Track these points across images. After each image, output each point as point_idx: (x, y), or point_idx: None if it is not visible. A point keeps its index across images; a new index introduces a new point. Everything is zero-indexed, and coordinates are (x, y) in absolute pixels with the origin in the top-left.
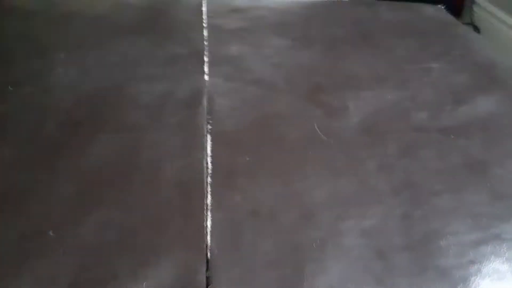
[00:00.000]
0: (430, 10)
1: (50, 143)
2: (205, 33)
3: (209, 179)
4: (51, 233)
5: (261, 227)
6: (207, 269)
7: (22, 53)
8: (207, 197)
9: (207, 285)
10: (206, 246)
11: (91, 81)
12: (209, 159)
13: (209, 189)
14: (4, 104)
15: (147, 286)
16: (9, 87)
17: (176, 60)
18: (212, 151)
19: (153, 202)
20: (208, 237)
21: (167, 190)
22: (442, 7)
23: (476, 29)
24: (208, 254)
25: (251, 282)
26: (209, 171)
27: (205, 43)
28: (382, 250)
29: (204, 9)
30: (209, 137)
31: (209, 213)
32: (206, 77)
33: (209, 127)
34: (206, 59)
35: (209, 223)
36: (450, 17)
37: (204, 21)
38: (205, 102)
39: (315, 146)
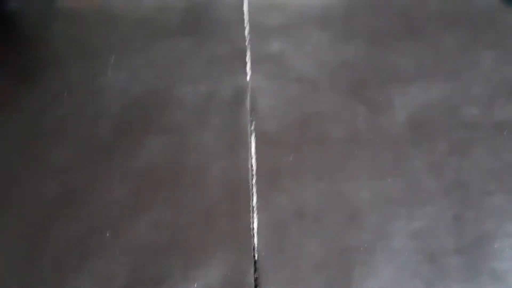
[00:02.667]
0: None
1: (103, 146)
2: (247, 31)
3: (254, 180)
4: (108, 234)
5: (307, 228)
6: (255, 270)
7: (74, 56)
8: (252, 198)
9: (256, 286)
10: (254, 248)
11: (140, 83)
12: (253, 159)
13: (254, 190)
14: (60, 109)
15: (198, 286)
16: (64, 91)
17: (218, 60)
18: (256, 151)
19: (201, 202)
20: (255, 238)
21: (214, 191)
22: None
23: None
24: (256, 255)
25: (298, 284)
26: (254, 171)
27: (247, 41)
28: (432, 253)
29: (245, 6)
30: (253, 137)
31: (255, 214)
32: (248, 76)
33: (253, 127)
34: (248, 57)
35: (255, 224)
36: (501, 4)
37: (245, 19)
38: (248, 101)
39: (360, 144)
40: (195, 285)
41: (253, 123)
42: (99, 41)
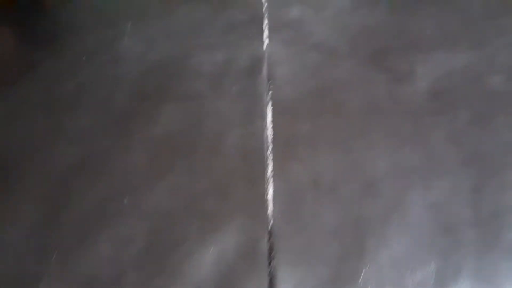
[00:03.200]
0: None
1: (121, 113)
2: None
3: (270, 148)
4: (126, 201)
5: (322, 197)
6: (269, 238)
7: (91, 23)
8: (268, 166)
9: (269, 253)
10: (268, 215)
11: (156, 51)
12: (270, 128)
13: (270, 158)
14: (79, 75)
15: (213, 251)
16: (84, 58)
17: (235, 27)
18: (272, 119)
19: (218, 169)
20: (270, 206)
21: (230, 158)
22: None
23: None
24: (270, 222)
25: (312, 252)
26: (270, 139)
27: (264, 7)
28: (449, 225)
29: None
30: (269, 105)
31: (270, 181)
32: (265, 44)
33: (269, 95)
34: (265, 24)
35: (270, 191)
36: None
37: None
38: (265, 69)
39: (378, 113)
40: (211, 250)
41: (270, 91)
42: (116, 9)
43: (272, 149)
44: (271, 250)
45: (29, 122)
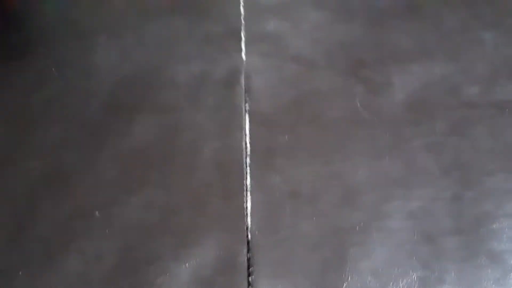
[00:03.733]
0: None
1: (94, 125)
2: (242, 9)
3: (248, 160)
4: (97, 213)
5: (301, 208)
6: (248, 251)
7: (65, 35)
8: (246, 178)
9: (248, 266)
10: (247, 228)
11: (131, 63)
12: (247, 139)
13: (248, 170)
14: (50, 88)
15: (189, 266)
16: (54, 70)
17: (212, 39)
18: (250, 131)
19: (194, 183)
20: (248, 218)
21: (207, 171)
22: None
23: None
24: (249, 235)
25: (292, 264)
26: (248, 151)
27: (242, 20)
28: (429, 234)
29: None
30: (247, 117)
31: (248, 194)
32: (243, 56)
33: (247, 107)
34: (243, 36)
35: (249, 204)
36: None
37: None
38: (242, 81)
39: (357, 124)
40: (187, 265)
41: (248, 103)
42: (91, 21)
43: (250, 161)
44: (250, 263)
45: None
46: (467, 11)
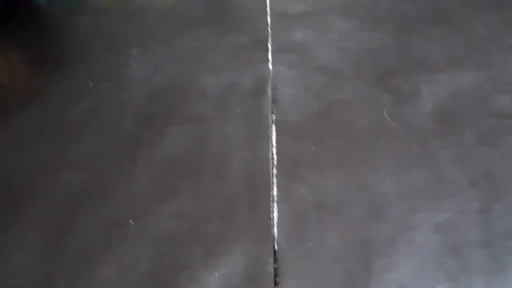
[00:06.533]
0: None
1: (127, 136)
2: (269, 20)
3: (274, 170)
4: (131, 222)
5: (328, 219)
6: (274, 261)
7: (100, 49)
8: (273, 188)
9: (275, 276)
10: (273, 238)
11: (162, 75)
12: (274, 150)
13: (275, 180)
14: (87, 100)
15: (218, 275)
16: (90, 83)
17: (240, 50)
18: (277, 141)
19: (222, 193)
20: (275, 229)
21: (234, 181)
22: None
23: None
24: (275, 245)
25: (317, 275)
26: (275, 162)
27: (269, 30)
28: (457, 246)
29: None
30: (274, 128)
31: (275, 204)
32: (270, 66)
33: (274, 117)
34: (270, 47)
35: (275, 214)
36: None
37: (267, 7)
38: (269, 91)
39: (384, 134)
40: (216, 274)
41: (275, 113)
42: (124, 34)
43: (277, 171)
44: (276, 273)
45: (35, 147)
46: (497, 18)
